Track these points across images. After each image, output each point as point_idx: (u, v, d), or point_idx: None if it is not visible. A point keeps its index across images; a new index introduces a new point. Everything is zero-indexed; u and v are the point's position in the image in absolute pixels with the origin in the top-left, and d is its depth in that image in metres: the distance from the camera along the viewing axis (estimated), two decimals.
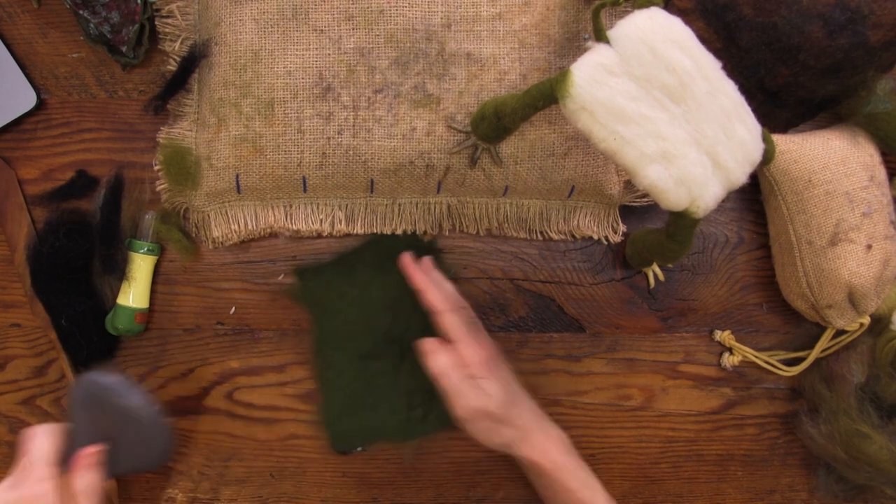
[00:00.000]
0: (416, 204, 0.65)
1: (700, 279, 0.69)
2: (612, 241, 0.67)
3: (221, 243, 0.65)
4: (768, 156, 0.59)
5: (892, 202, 0.62)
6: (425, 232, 0.66)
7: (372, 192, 0.64)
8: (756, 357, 0.67)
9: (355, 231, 0.65)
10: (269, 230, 0.65)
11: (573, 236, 0.67)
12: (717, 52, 0.51)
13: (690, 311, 0.69)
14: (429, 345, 0.59)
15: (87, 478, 0.55)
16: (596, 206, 0.66)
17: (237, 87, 0.60)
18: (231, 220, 0.65)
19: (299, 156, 0.61)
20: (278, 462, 0.68)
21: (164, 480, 0.67)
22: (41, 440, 0.55)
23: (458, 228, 0.66)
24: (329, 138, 0.60)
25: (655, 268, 0.67)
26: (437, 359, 0.58)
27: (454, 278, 0.66)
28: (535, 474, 0.60)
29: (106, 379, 0.58)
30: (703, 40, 0.50)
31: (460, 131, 0.60)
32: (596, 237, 0.67)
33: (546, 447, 0.59)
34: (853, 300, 0.62)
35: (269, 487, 0.68)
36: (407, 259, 0.63)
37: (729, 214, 0.69)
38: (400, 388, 0.65)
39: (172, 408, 0.67)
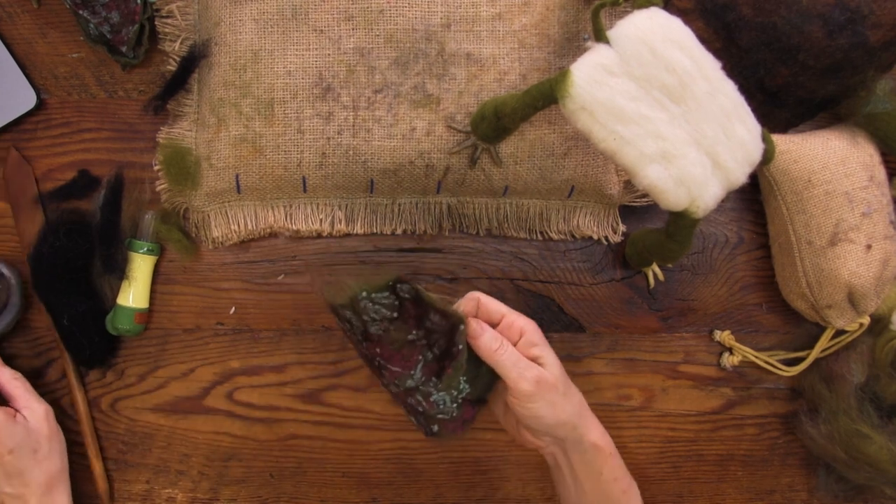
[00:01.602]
0: (416, 204, 0.65)
1: (700, 279, 0.69)
2: (611, 241, 0.67)
3: (221, 243, 0.66)
4: (768, 156, 0.59)
5: (891, 202, 0.62)
6: (425, 231, 0.66)
7: (372, 192, 0.64)
8: (756, 357, 0.67)
9: (355, 231, 0.65)
10: (269, 230, 0.65)
11: (573, 236, 0.67)
12: (717, 52, 0.51)
13: (690, 311, 0.69)
14: (474, 326, 0.53)
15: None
16: (596, 206, 0.66)
17: (237, 87, 0.60)
18: (231, 220, 0.65)
19: (299, 156, 0.61)
20: (278, 462, 0.68)
21: (164, 480, 0.68)
22: None
23: (458, 228, 0.66)
24: (329, 138, 0.60)
25: (655, 268, 0.67)
26: (486, 336, 0.52)
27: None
28: (589, 457, 0.55)
29: None
30: (703, 40, 0.50)
31: (460, 131, 0.60)
32: (596, 237, 0.67)
33: (601, 429, 0.55)
34: (853, 300, 0.62)
35: (268, 487, 0.68)
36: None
37: (729, 214, 0.69)
38: None
39: (172, 408, 0.67)
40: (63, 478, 0.61)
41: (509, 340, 0.54)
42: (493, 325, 0.55)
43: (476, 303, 0.55)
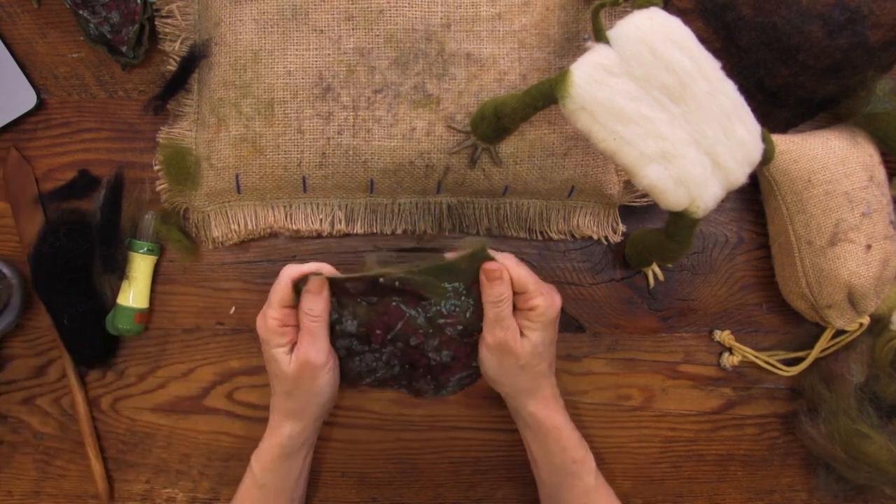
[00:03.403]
0: (416, 204, 0.65)
1: (700, 279, 0.69)
2: (611, 241, 0.67)
3: (221, 243, 0.66)
4: (768, 156, 0.59)
5: (891, 202, 0.62)
6: (425, 231, 0.66)
7: (372, 192, 0.64)
8: (756, 357, 0.67)
9: (355, 231, 0.65)
10: (269, 230, 0.65)
11: (573, 236, 0.67)
12: (717, 52, 0.51)
13: (690, 311, 0.69)
14: (497, 272, 0.55)
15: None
16: (596, 206, 0.66)
17: (237, 87, 0.60)
18: (231, 220, 0.65)
19: (299, 156, 0.61)
20: None
21: (164, 480, 0.68)
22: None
23: (458, 228, 0.66)
24: (329, 138, 0.60)
25: (655, 268, 0.67)
26: (500, 287, 0.55)
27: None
28: (533, 429, 0.59)
29: None
30: (703, 40, 0.50)
31: (460, 131, 0.60)
32: (596, 237, 0.67)
33: (552, 407, 0.59)
34: (853, 300, 0.62)
35: None
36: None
37: (729, 214, 0.69)
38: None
39: (172, 408, 0.67)
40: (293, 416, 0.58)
41: (520, 309, 0.56)
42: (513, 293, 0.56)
43: (501, 268, 0.55)
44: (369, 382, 0.61)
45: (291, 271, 0.56)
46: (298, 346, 0.55)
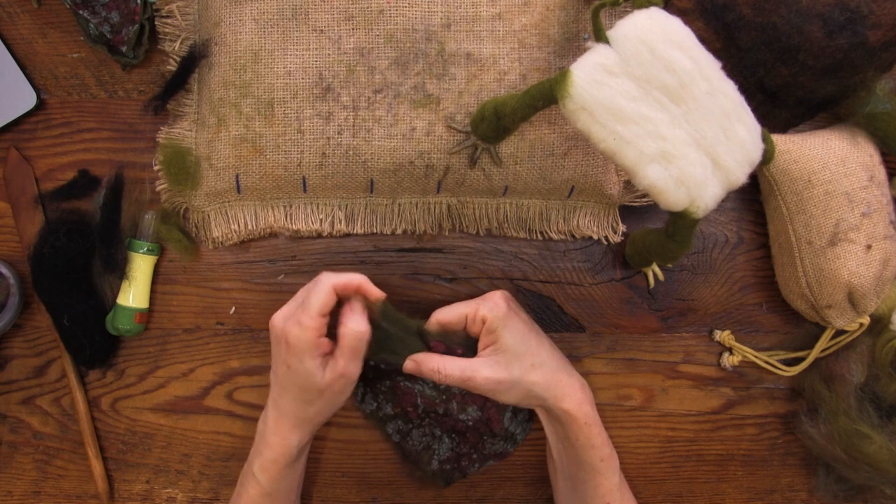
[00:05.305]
0: (416, 204, 0.65)
1: (700, 279, 0.69)
2: (611, 241, 0.67)
3: (221, 243, 0.66)
4: (768, 156, 0.59)
5: (891, 202, 0.62)
6: (425, 231, 0.66)
7: (372, 192, 0.64)
8: (756, 357, 0.67)
9: (355, 231, 0.65)
10: (269, 230, 0.65)
11: (573, 236, 0.67)
12: (717, 52, 0.51)
13: (690, 311, 0.69)
14: (410, 367, 0.57)
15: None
16: (596, 206, 0.66)
17: (237, 87, 0.60)
18: (231, 220, 0.65)
19: (299, 156, 0.61)
20: None
21: (164, 480, 0.68)
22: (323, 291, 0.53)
23: (458, 228, 0.66)
24: (329, 138, 0.60)
25: (655, 268, 0.67)
26: (424, 372, 0.56)
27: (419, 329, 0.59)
28: (563, 424, 0.59)
29: None
30: (703, 40, 0.50)
31: (460, 131, 0.60)
32: (596, 237, 0.67)
33: (579, 397, 0.59)
34: (853, 300, 0.62)
35: None
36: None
37: (729, 214, 0.69)
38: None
39: (172, 408, 0.67)
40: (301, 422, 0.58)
41: (477, 332, 0.58)
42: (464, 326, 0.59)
43: (437, 324, 0.58)
44: (450, 470, 0.65)
45: (333, 279, 0.53)
46: (338, 361, 0.54)
